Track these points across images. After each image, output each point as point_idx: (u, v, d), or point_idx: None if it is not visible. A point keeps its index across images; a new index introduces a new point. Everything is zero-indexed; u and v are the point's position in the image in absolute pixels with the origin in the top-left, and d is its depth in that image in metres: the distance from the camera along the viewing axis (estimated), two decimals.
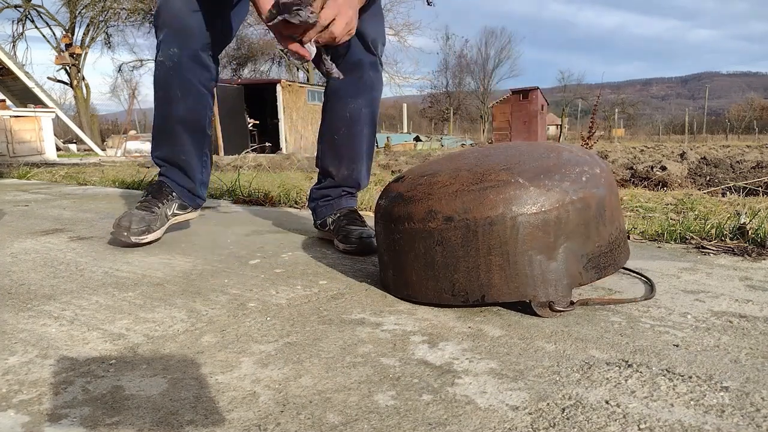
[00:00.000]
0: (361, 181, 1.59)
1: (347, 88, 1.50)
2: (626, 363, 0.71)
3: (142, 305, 0.98)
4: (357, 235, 1.38)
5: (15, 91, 12.24)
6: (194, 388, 0.66)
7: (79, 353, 0.77)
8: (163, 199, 1.52)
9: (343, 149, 1.54)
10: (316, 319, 0.90)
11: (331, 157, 1.57)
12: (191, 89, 1.48)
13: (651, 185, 4.11)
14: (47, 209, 2.30)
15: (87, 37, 23.64)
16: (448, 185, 0.91)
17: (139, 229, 1.41)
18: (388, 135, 21.40)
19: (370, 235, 1.38)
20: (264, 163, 6.19)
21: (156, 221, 1.47)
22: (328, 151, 1.57)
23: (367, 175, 1.60)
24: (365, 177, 1.60)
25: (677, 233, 1.44)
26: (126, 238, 1.40)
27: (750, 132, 34.54)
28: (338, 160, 1.55)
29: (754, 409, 0.59)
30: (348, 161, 1.55)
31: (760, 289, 1.01)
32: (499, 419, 0.58)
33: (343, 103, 1.52)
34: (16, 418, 0.60)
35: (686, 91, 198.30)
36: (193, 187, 1.59)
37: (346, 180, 1.56)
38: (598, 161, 0.96)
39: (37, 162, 6.80)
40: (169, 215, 1.53)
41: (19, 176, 4.39)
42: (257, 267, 1.25)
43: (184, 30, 1.41)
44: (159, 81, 1.48)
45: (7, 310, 0.96)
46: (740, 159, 7.19)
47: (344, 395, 0.64)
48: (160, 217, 1.49)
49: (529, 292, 0.87)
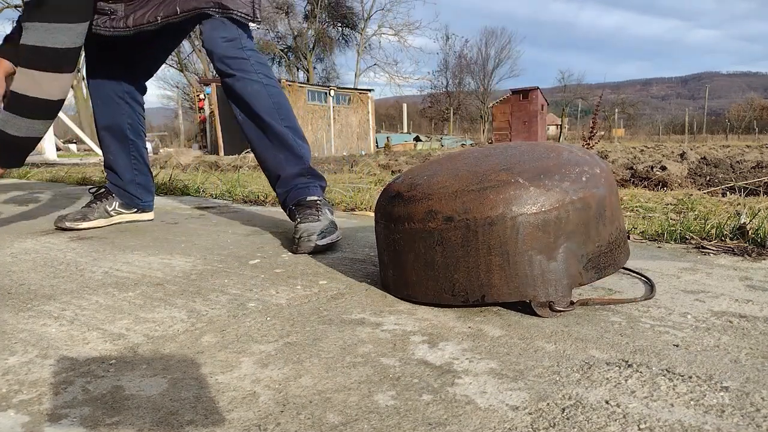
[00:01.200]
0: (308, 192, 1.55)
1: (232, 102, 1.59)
2: (626, 363, 0.71)
3: (142, 305, 0.98)
4: (299, 235, 1.37)
5: None
6: (194, 388, 0.66)
7: (79, 353, 0.77)
8: (102, 198, 1.84)
9: (258, 154, 1.60)
10: (316, 319, 0.90)
11: (262, 166, 1.62)
12: (110, 102, 1.78)
13: (651, 185, 4.11)
14: (47, 209, 2.30)
15: None
16: (448, 185, 0.91)
17: (75, 217, 1.76)
18: (388, 135, 21.39)
19: (312, 233, 1.36)
20: None
21: (93, 212, 1.79)
22: (260, 165, 1.63)
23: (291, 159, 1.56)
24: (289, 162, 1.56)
25: (677, 233, 1.44)
26: (62, 224, 1.74)
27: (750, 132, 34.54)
28: (265, 167, 1.60)
29: (754, 409, 0.59)
30: (278, 180, 1.58)
31: (760, 289, 1.01)
32: (499, 419, 0.58)
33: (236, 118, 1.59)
34: (16, 418, 0.60)
35: (686, 91, 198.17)
36: (124, 185, 1.85)
37: (286, 202, 1.57)
38: (598, 161, 0.96)
39: (37, 162, 6.80)
40: (110, 210, 1.83)
41: (19, 176, 4.39)
42: (257, 267, 1.25)
43: None
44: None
45: (7, 310, 0.96)
46: (740, 159, 7.18)
47: (344, 395, 0.64)
48: (98, 210, 1.81)
49: (529, 292, 0.87)
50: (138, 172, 1.87)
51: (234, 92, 1.56)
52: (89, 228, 1.77)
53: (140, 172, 1.87)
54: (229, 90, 1.57)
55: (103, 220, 1.81)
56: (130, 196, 1.86)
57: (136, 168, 1.86)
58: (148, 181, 1.90)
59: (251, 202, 2.45)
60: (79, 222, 1.75)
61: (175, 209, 2.28)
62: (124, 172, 1.84)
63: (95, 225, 1.79)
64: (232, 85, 1.55)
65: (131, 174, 1.85)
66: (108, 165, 1.85)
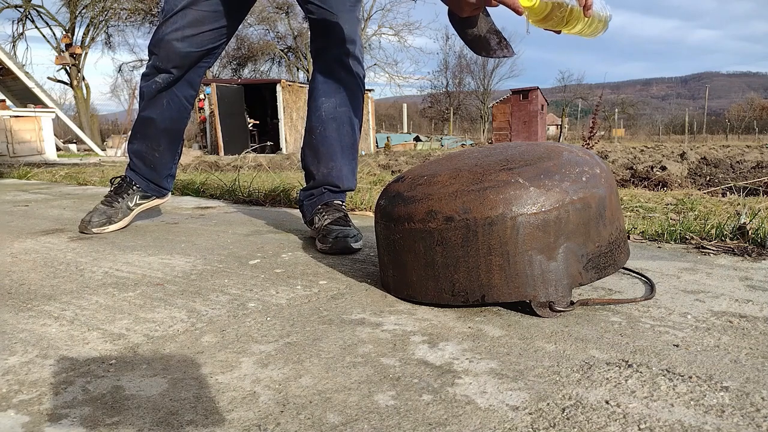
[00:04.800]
0: (342, 182, 1.57)
1: (321, 87, 1.53)
2: (626, 363, 0.71)
3: (142, 305, 0.98)
4: (334, 235, 1.39)
5: (15, 91, 12.23)
6: (194, 388, 0.66)
7: (79, 353, 0.77)
8: (123, 194, 1.75)
9: (320, 148, 1.56)
10: (316, 319, 0.90)
11: (310, 156, 1.59)
12: (178, 103, 1.68)
13: (651, 185, 4.11)
14: (47, 209, 2.30)
15: (87, 37, 23.63)
16: (448, 185, 0.91)
17: (100, 221, 1.68)
18: (388, 135, 21.39)
19: (348, 235, 1.38)
20: (264, 163, 6.18)
21: (117, 213, 1.72)
22: (308, 151, 1.59)
23: (350, 176, 1.59)
24: (348, 178, 1.59)
25: (677, 233, 1.44)
26: (88, 231, 1.66)
27: (750, 132, 34.52)
28: (317, 159, 1.57)
29: (754, 409, 0.59)
30: (326, 160, 1.56)
31: (760, 289, 1.01)
32: (499, 419, 0.58)
33: (317, 102, 1.54)
34: (16, 418, 0.60)
35: (686, 91, 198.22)
36: (158, 180, 1.78)
37: (326, 178, 1.57)
38: (598, 161, 0.96)
39: (37, 162, 6.80)
40: (131, 206, 1.75)
41: (19, 176, 4.39)
42: (257, 267, 1.25)
43: (177, 57, 1.57)
44: (148, 94, 1.66)
45: (7, 310, 0.96)
46: (740, 159, 7.19)
47: (344, 395, 0.64)
48: (122, 209, 1.73)
49: (529, 292, 0.87)
50: (174, 165, 1.82)
51: (345, 82, 1.53)
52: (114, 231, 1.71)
53: (175, 164, 1.83)
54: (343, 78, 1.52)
55: (126, 219, 1.75)
56: (159, 189, 1.80)
57: (174, 162, 1.81)
58: (176, 168, 1.86)
59: (251, 202, 2.45)
60: (105, 227, 1.68)
61: (175, 209, 2.28)
62: (164, 168, 1.78)
63: (121, 226, 1.73)
64: (347, 77, 1.52)
65: (168, 169, 1.80)
66: (145, 159, 1.74)
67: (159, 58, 1.58)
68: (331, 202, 1.55)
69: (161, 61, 1.58)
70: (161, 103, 1.66)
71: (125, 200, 1.74)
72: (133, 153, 1.75)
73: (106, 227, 1.68)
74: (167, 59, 1.57)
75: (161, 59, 1.57)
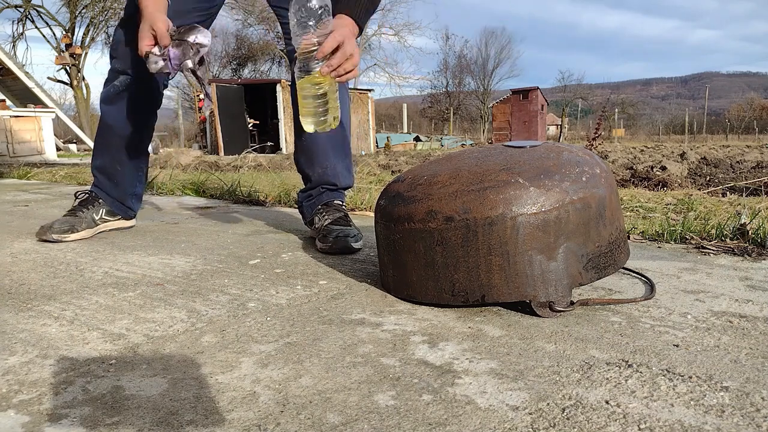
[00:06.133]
0: (339, 179, 1.57)
1: None
2: (626, 363, 0.71)
3: (142, 305, 0.98)
4: (334, 234, 1.39)
5: (15, 91, 12.23)
6: (194, 388, 0.66)
7: (79, 353, 0.77)
8: (89, 205, 1.67)
9: (312, 150, 1.56)
10: (316, 319, 0.90)
11: (304, 159, 1.59)
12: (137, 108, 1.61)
13: (651, 185, 4.11)
14: (47, 209, 2.30)
15: (87, 37, 23.61)
16: (448, 185, 0.91)
17: (62, 228, 1.59)
18: (388, 135, 21.37)
19: (348, 235, 1.38)
20: (264, 163, 6.19)
21: (80, 223, 1.63)
22: (301, 155, 1.59)
23: (346, 173, 1.59)
24: (343, 175, 1.58)
25: (677, 233, 1.44)
26: (48, 236, 1.57)
27: (750, 132, 34.52)
28: (310, 161, 1.57)
29: (754, 409, 0.59)
30: (319, 160, 1.56)
31: (760, 289, 1.01)
32: (499, 419, 0.58)
33: None
34: (16, 418, 0.60)
35: (686, 91, 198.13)
36: (122, 198, 1.71)
37: (321, 178, 1.57)
38: (598, 161, 0.96)
39: (37, 162, 6.80)
40: (96, 219, 1.67)
41: (19, 176, 4.39)
42: (257, 267, 1.25)
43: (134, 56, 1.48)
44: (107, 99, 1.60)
45: (7, 310, 0.96)
46: (740, 159, 7.19)
47: (344, 395, 0.64)
48: (86, 219, 1.65)
49: (529, 292, 0.87)
50: (139, 183, 1.75)
51: None
52: (76, 240, 1.61)
53: (140, 183, 1.76)
54: None
55: (89, 230, 1.65)
56: (124, 208, 1.73)
57: (139, 180, 1.74)
58: (142, 190, 1.79)
59: (251, 202, 2.45)
60: (66, 234, 1.59)
61: (175, 209, 2.28)
62: (127, 185, 1.70)
63: (82, 237, 1.63)
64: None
65: (132, 187, 1.72)
66: (108, 174, 1.69)
67: (118, 60, 1.55)
68: (331, 202, 1.55)
69: (120, 63, 1.55)
70: (120, 106, 1.60)
71: (90, 212, 1.66)
72: (96, 169, 1.70)
73: (68, 235, 1.59)
74: (125, 60, 1.54)
75: (120, 61, 1.54)
